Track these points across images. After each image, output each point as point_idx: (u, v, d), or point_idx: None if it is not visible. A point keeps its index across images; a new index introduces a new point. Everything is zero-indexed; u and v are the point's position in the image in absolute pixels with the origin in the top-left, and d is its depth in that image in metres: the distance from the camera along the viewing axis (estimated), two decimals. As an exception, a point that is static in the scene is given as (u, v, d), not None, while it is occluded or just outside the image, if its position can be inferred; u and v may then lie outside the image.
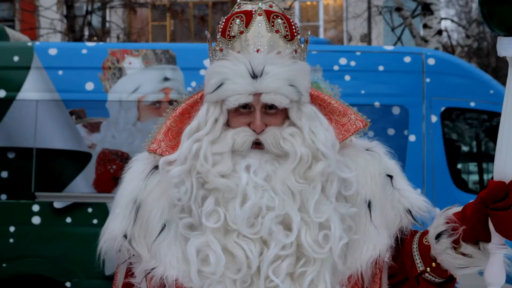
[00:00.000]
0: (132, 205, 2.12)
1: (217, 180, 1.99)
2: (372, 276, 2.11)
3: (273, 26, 2.05)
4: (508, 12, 1.92)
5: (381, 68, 7.02)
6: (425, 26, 12.64)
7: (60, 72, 6.97)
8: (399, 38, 15.96)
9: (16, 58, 6.99)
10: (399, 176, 2.20)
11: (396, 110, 6.97)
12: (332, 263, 2.00)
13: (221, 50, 2.07)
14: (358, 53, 7.14)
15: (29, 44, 7.18)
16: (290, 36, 2.07)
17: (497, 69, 23.75)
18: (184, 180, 2.02)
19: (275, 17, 2.07)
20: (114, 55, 6.99)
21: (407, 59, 7.05)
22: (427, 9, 12.43)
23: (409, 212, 2.14)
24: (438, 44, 12.51)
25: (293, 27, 2.09)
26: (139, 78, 6.98)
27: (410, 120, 6.96)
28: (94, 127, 6.96)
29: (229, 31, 2.07)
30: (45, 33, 16.48)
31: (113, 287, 2.21)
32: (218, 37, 2.09)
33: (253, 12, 2.07)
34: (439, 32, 12.73)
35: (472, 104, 7.04)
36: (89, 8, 15.53)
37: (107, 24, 17.80)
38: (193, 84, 6.90)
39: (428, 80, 6.99)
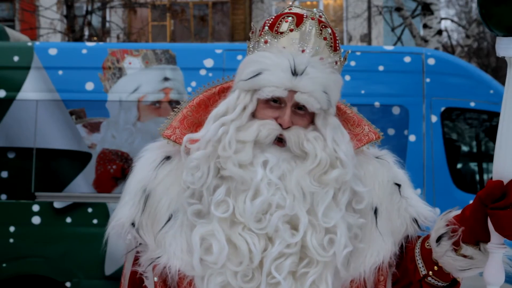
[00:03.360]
0: (142, 194, 2.14)
1: (234, 169, 2.00)
2: (376, 282, 2.13)
3: (321, 33, 2.09)
4: (507, 13, 1.92)
5: (381, 68, 7.02)
6: (425, 26, 12.63)
7: (60, 72, 6.96)
8: (399, 38, 15.96)
9: (16, 58, 6.99)
10: (407, 185, 2.22)
11: (396, 110, 6.97)
12: (334, 267, 2.01)
13: (265, 42, 2.09)
14: (358, 53, 7.13)
15: (29, 44, 7.18)
16: (334, 48, 2.12)
17: (497, 69, 23.78)
18: (200, 165, 2.03)
19: (324, 26, 2.10)
20: (114, 55, 6.99)
21: (407, 59, 7.04)
22: (427, 9, 12.43)
23: (415, 221, 2.16)
24: (438, 44, 12.51)
25: (337, 41, 2.14)
26: (139, 78, 6.98)
27: (410, 120, 6.95)
28: (94, 127, 6.96)
29: (277, 26, 2.09)
30: (45, 33, 16.48)
31: (122, 276, 2.23)
32: (265, 29, 2.10)
33: (305, 16, 2.10)
34: (439, 32, 12.72)
35: (472, 104, 7.04)
36: (89, 8, 15.53)
37: (107, 24, 17.79)
38: (193, 84, 6.90)
39: (428, 80, 6.98)
